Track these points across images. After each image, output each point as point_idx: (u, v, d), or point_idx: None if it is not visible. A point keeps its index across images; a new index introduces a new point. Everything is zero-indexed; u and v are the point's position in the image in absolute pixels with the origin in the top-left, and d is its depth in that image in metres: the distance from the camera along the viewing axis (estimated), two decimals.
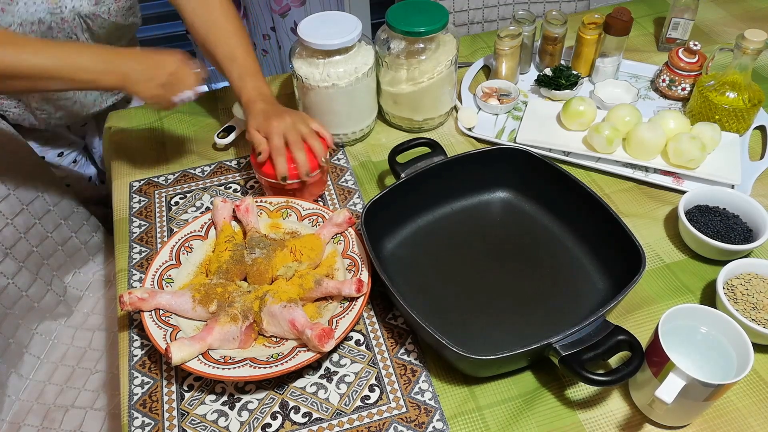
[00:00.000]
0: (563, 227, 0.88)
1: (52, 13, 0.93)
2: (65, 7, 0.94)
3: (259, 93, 0.91)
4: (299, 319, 0.71)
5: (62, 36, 0.97)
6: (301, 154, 0.86)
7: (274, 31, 1.85)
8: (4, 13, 0.89)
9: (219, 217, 0.85)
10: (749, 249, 0.81)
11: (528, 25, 1.11)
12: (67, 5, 0.94)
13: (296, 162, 0.86)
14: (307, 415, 0.70)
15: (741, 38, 0.93)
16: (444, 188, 0.90)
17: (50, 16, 0.93)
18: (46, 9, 0.92)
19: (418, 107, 1.03)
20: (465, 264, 0.85)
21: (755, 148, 1.01)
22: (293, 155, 0.86)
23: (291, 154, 0.86)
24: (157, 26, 2.14)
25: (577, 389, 0.72)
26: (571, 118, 1.01)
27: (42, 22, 0.93)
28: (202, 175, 1.01)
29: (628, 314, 0.79)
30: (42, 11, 0.92)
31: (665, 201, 0.94)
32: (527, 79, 1.18)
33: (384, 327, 0.79)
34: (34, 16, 0.92)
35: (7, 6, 0.89)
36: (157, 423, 0.70)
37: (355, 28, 0.93)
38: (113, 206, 0.98)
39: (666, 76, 1.10)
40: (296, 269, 0.80)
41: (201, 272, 0.82)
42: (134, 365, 0.76)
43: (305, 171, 0.86)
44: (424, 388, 0.72)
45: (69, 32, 0.97)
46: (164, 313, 0.75)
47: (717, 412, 0.69)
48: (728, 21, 1.31)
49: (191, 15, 0.99)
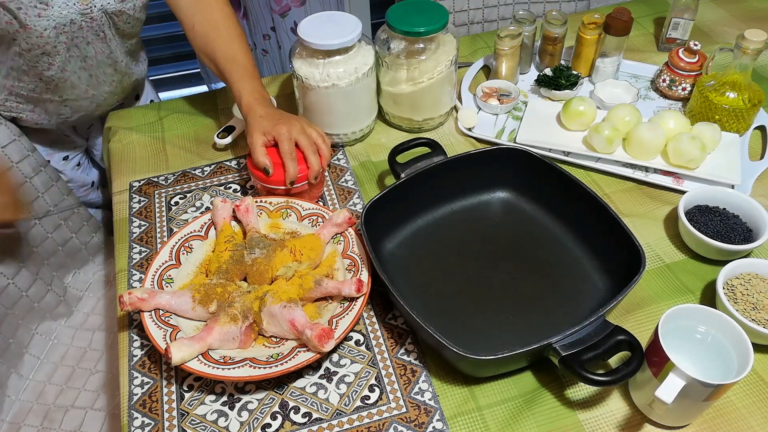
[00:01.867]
0: (563, 227, 0.87)
1: (82, 14, 0.95)
2: (95, 7, 0.96)
3: (260, 96, 0.92)
4: (299, 319, 0.71)
5: (91, 34, 0.99)
6: (314, 158, 0.87)
7: (274, 31, 1.85)
8: (41, 18, 0.91)
9: (219, 217, 0.85)
10: (749, 249, 0.81)
11: (528, 25, 1.11)
12: (96, 4, 0.96)
13: (310, 165, 0.87)
14: (306, 416, 0.70)
15: (741, 38, 0.93)
16: (444, 188, 0.90)
17: (80, 17, 0.95)
18: (77, 10, 0.95)
19: (418, 107, 1.03)
20: (465, 264, 0.85)
21: (755, 148, 1.01)
22: (308, 159, 0.87)
23: (305, 158, 0.87)
24: (158, 26, 2.14)
25: (576, 389, 0.72)
26: (571, 118, 1.01)
27: (74, 23, 0.95)
28: (202, 175, 1.01)
29: (628, 314, 0.79)
30: (74, 13, 0.94)
31: (665, 201, 0.94)
32: (527, 79, 1.18)
33: (384, 327, 0.79)
34: (67, 18, 0.94)
35: (44, 11, 0.91)
36: (157, 423, 0.70)
37: (355, 28, 0.93)
38: (113, 206, 0.98)
39: (666, 75, 1.10)
40: (296, 269, 0.80)
41: (201, 272, 0.82)
42: (134, 365, 0.76)
43: (315, 174, 0.88)
44: (424, 388, 0.72)
45: (97, 30, 1.00)
46: (164, 314, 0.75)
47: (717, 412, 0.69)
48: (728, 21, 1.31)
49: (190, 17, 0.99)
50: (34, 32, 0.92)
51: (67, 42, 0.97)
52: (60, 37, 0.96)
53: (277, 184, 0.88)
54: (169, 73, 2.30)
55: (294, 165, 0.86)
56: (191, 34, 1.00)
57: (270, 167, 0.86)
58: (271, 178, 0.87)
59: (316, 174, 0.88)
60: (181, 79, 2.30)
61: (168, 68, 2.29)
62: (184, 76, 2.30)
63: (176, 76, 2.30)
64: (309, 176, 0.88)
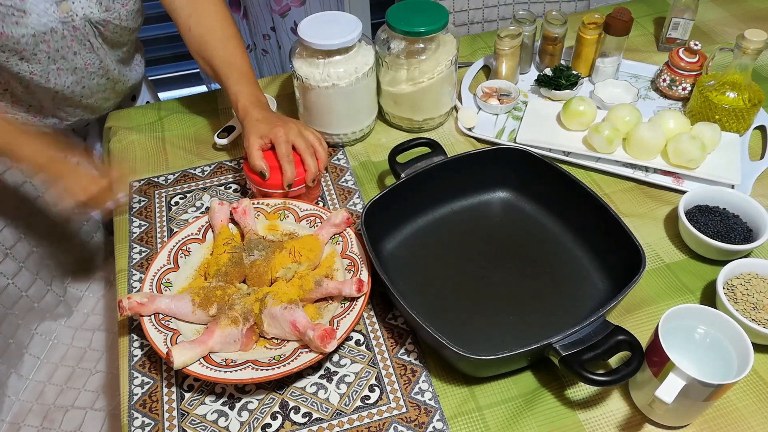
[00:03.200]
0: (563, 227, 0.88)
1: (63, 22, 0.93)
2: (76, 15, 0.94)
3: (256, 100, 0.91)
4: (300, 321, 0.71)
5: (76, 43, 0.97)
6: (312, 161, 0.86)
7: (274, 31, 1.85)
8: (18, 26, 0.89)
9: (216, 220, 0.85)
10: (749, 249, 0.81)
11: (528, 25, 1.11)
12: (78, 13, 0.94)
13: (307, 168, 0.87)
14: (307, 416, 0.70)
15: (741, 38, 0.93)
16: (444, 188, 0.90)
17: (62, 25, 0.93)
18: (57, 18, 0.92)
19: (418, 107, 1.03)
20: (465, 264, 0.85)
21: (755, 148, 1.01)
22: (305, 162, 0.86)
23: (302, 160, 0.87)
24: (157, 26, 2.13)
25: (577, 389, 0.72)
26: (571, 118, 1.01)
27: (54, 32, 0.93)
28: (202, 175, 1.01)
29: (628, 314, 0.79)
30: (54, 21, 0.92)
31: (665, 201, 0.94)
32: (527, 79, 1.18)
33: (384, 327, 0.79)
34: (47, 26, 0.92)
35: (21, 19, 0.89)
36: (157, 423, 0.70)
37: (355, 28, 0.93)
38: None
39: (666, 75, 1.10)
40: (296, 270, 0.80)
41: (200, 275, 0.82)
42: (134, 365, 0.76)
43: (313, 177, 0.87)
44: (424, 388, 0.72)
45: (82, 39, 0.97)
46: (164, 317, 0.75)
47: (717, 412, 0.69)
48: (728, 21, 1.31)
49: (185, 19, 0.98)
50: (11, 39, 0.90)
51: (48, 51, 0.95)
52: (40, 45, 0.93)
53: (274, 188, 0.87)
54: (169, 73, 2.30)
55: (291, 168, 0.85)
56: (187, 36, 0.99)
57: (266, 171, 0.86)
58: (267, 182, 0.87)
59: (313, 177, 0.87)
60: (180, 79, 2.30)
61: (167, 68, 2.29)
62: (184, 76, 2.30)
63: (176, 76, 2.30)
64: (306, 179, 0.87)
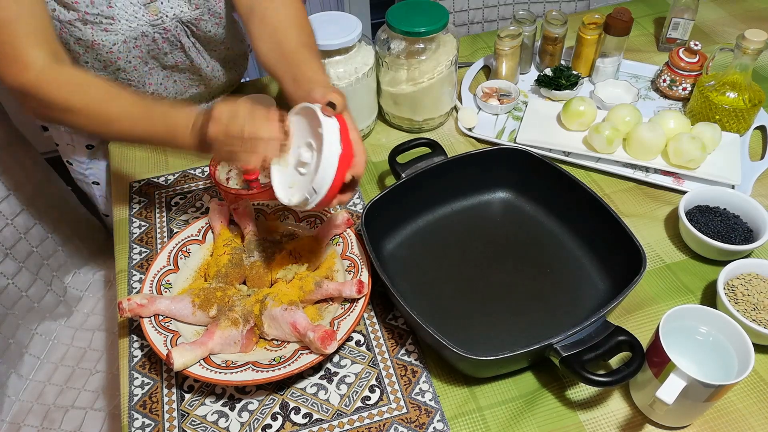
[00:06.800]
0: (563, 227, 0.87)
1: (153, 25, 0.90)
2: (166, 16, 0.91)
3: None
4: (301, 322, 0.71)
5: (167, 45, 0.94)
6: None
7: None
8: (108, 33, 0.87)
9: (216, 221, 0.85)
10: (750, 249, 0.81)
11: (528, 25, 1.11)
12: (168, 14, 0.91)
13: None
14: (307, 416, 0.70)
15: (741, 38, 0.93)
16: (444, 188, 0.90)
17: (152, 29, 0.91)
18: (147, 22, 0.90)
19: (418, 107, 1.03)
20: (465, 264, 0.85)
21: (755, 148, 1.01)
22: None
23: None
24: None
25: (577, 390, 0.72)
26: (571, 118, 1.01)
27: (145, 36, 0.91)
28: (202, 175, 1.01)
29: (628, 315, 0.79)
30: (144, 25, 0.90)
31: (665, 201, 0.94)
32: (527, 79, 1.18)
33: (384, 327, 0.79)
34: (137, 31, 0.89)
35: (110, 26, 0.87)
36: (157, 424, 0.70)
37: (355, 28, 0.93)
38: (113, 207, 0.98)
39: (667, 75, 1.10)
40: (296, 272, 0.80)
41: (199, 276, 0.82)
42: (134, 366, 0.76)
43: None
44: (425, 388, 0.72)
45: (173, 40, 0.94)
46: (164, 319, 0.74)
47: (718, 412, 0.69)
48: (728, 21, 1.31)
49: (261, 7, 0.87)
50: (103, 48, 0.88)
51: (141, 56, 0.94)
52: (133, 51, 0.91)
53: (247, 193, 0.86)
54: None
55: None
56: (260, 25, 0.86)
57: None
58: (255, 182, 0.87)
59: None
60: None
61: None
62: None
63: None
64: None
